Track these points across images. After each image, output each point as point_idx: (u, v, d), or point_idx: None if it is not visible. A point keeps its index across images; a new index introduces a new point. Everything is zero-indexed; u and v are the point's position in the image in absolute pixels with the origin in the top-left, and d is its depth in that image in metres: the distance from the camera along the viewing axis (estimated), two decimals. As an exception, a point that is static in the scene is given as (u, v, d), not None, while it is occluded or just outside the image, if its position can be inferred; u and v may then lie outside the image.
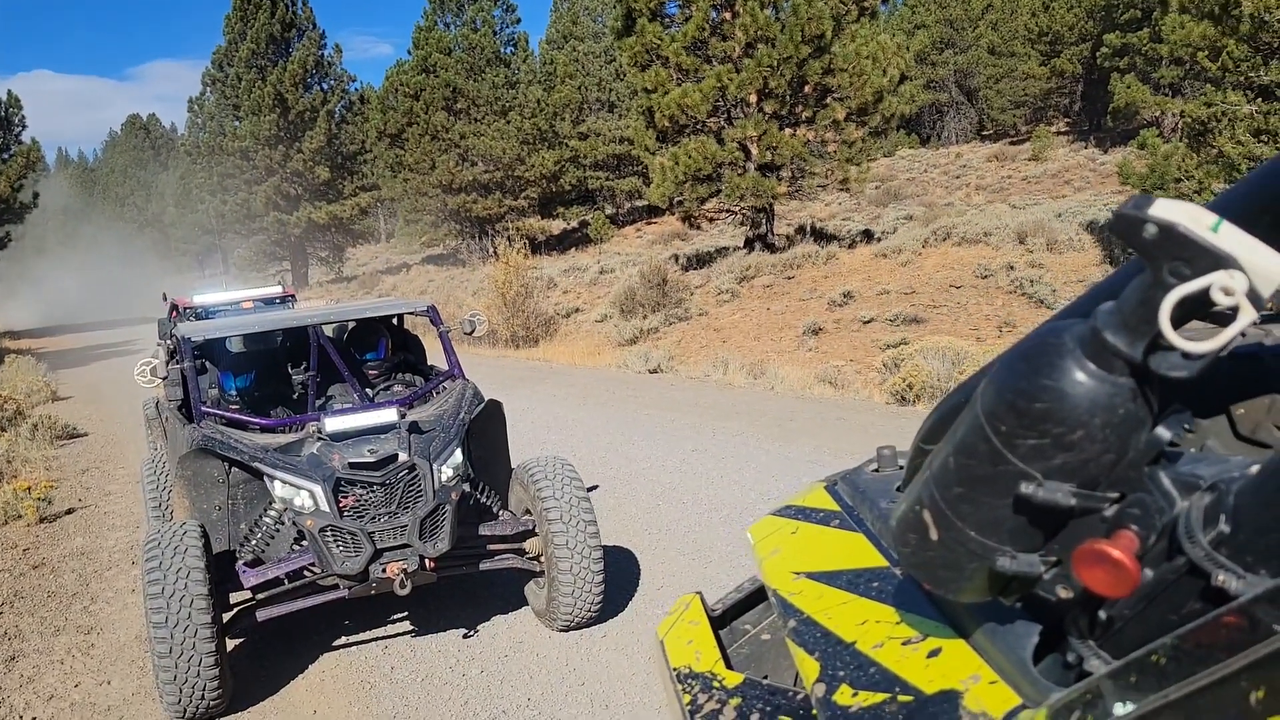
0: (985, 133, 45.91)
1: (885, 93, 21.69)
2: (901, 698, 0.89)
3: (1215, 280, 0.61)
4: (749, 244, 23.86)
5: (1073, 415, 0.68)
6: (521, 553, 4.91)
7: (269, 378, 5.86)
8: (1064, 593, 0.75)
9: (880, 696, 0.91)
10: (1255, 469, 0.68)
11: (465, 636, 4.95)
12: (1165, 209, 0.64)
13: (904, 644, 0.97)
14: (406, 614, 5.25)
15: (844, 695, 0.95)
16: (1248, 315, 0.61)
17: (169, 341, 6.33)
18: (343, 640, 5.04)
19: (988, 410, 0.73)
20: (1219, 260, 0.62)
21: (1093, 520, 0.72)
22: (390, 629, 5.13)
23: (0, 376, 18.93)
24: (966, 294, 18.36)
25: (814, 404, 11.35)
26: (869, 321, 17.74)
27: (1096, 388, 0.68)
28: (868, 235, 24.04)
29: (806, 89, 21.55)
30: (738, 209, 23.77)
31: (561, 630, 4.85)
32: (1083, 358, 0.68)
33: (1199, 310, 0.64)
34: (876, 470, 1.45)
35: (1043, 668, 0.80)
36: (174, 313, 8.97)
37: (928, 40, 44.04)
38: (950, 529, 0.77)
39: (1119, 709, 0.63)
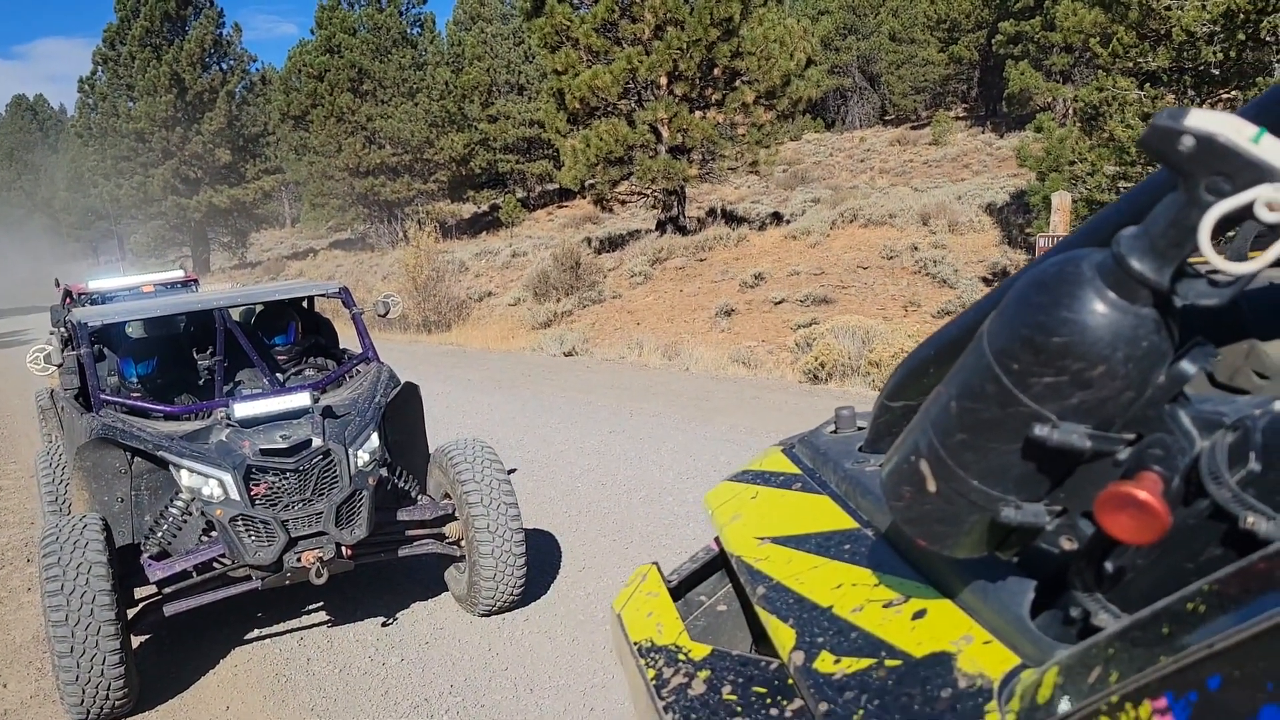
0: (888, 117, 46.73)
1: (792, 76, 21.90)
2: (889, 662, 0.85)
3: (1260, 195, 0.57)
4: (661, 226, 23.89)
5: (1094, 349, 0.64)
6: (441, 537, 4.82)
7: (173, 364, 5.63)
8: (1069, 544, 0.71)
9: (866, 662, 0.87)
10: None
11: (384, 625, 4.85)
12: (1203, 119, 0.60)
13: (885, 606, 0.93)
14: (323, 604, 5.12)
15: (825, 662, 0.90)
16: None
17: (63, 329, 6.04)
18: (256, 633, 4.89)
19: (998, 348, 0.68)
20: (1264, 173, 0.58)
21: (1104, 465, 0.68)
22: (306, 619, 5.00)
23: (-123, 370, 17.94)
24: (873, 274, 18.69)
25: (729, 384, 11.43)
26: (780, 302, 17.92)
27: (1120, 319, 0.63)
28: (777, 217, 24.27)
29: (716, 72, 21.61)
30: (649, 192, 23.76)
31: (483, 615, 4.78)
32: (1104, 287, 0.64)
33: (1234, 228, 0.61)
34: (835, 431, 1.42)
35: (1040, 624, 0.77)
36: (68, 299, 8.58)
37: (831, 26, 44.64)
38: (950, 479, 0.73)
39: (1155, 661, 0.59)
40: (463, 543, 4.73)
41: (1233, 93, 14.64)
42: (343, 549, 4.29)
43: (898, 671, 0.83)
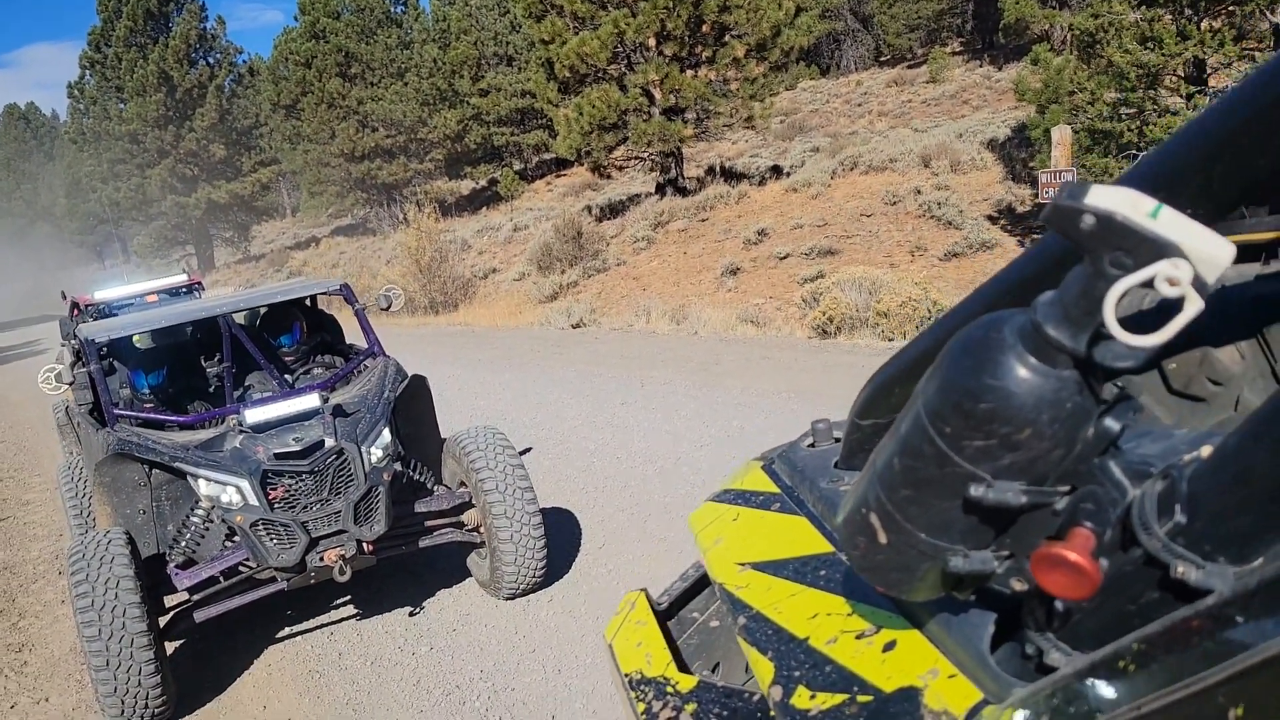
0: (883, 58, 46.13)
1: (782, 26, 21.64)
2: (861, 698, 0.87)
3: (1159, 270, 0.59)
4: (660, 189, 23.78)
5: (1019, 414, 0.65)
6: (460, 525, 4.88)
7: (182, 372, 5.68)
8: (1019, 585, 0.73)
9: (839, 698, 0.89)
10: (1207, 451, 0.67)
11: (411, 615, 4.92)
12: (1101, 197, 0.61)
13: (858, 638, 0.94)
14: (350, 598, 5.20)
15: (802, 698, 0.92)
16: (1194, 305, 0.58)
17: (73, 342, 6.09)
18: (286, 631, 4.97)
19: (931, 411, 0.70)
20: (1161, 249, 0.59)
21: (1044, 514, 0.70)
22: (334, 615, 5.08)
23: (-104, 392, 18.11)
24: (878, 221, 18.58)
25: (738, 345, 11.44)
26: (785, 257, 17.86)
27: (1041, 383, 0.65)
28: (777, 171, 24.12)
29: (704, 28, 21.38)
30: (646, 155, 23.63)
31: (507, 599, 4.84)
32: (1024, 353, 0.65)
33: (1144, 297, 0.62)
34: (812, 444, 1.43)
35: (1000, 658, 0.79)
36: (75, 311, 8.64)
37: (821, -30, 43.99)
38: (899, 531, 0.75)
39: (1090, 717, 0.61)
40: (482, 529, 4.79)
41: (1232, 7, 14.40)
42: (364, 545, 4.35)
43: (869, 708, 0.85)
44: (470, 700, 4.04)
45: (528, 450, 7.52)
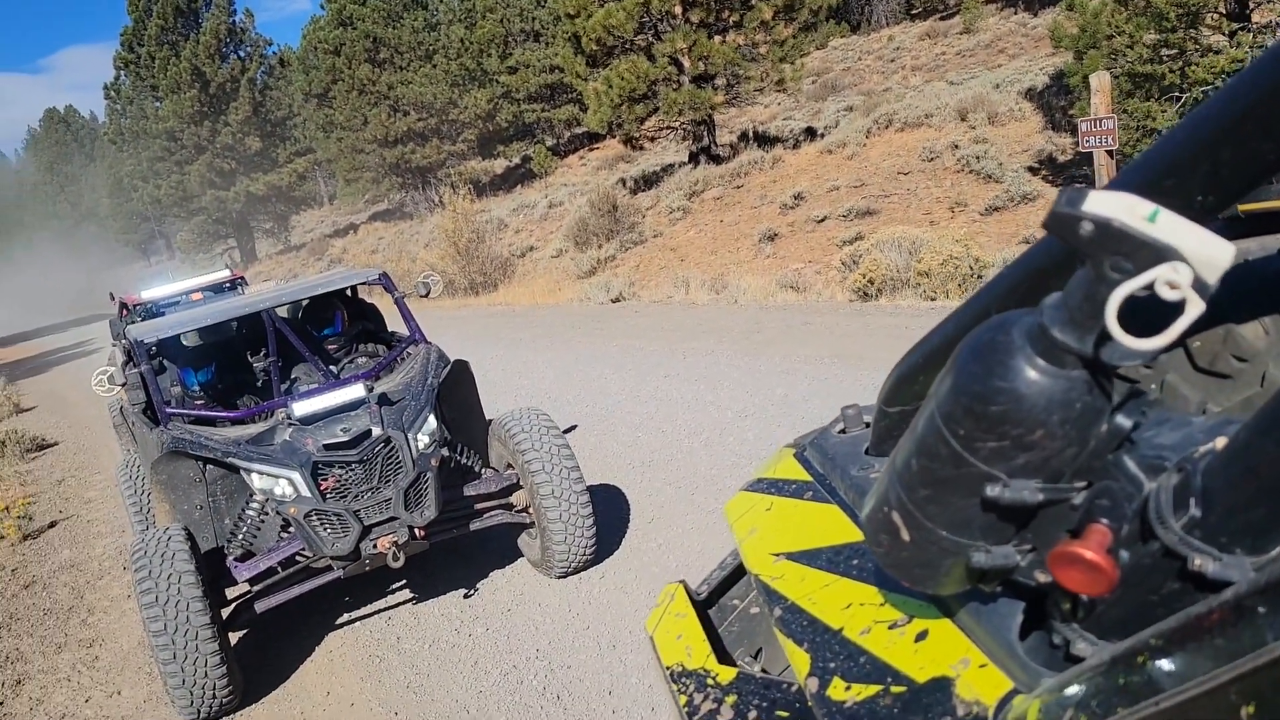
0: (914, 11, 45.28)
1: (810, -15, 21.34)
2: (894, 689, 0.88)
3: (1159, 275, 0.59)
4: (694, 158, 23.63)
5: (1030, 415, 0.66)
6: (509, 507, 4.93)
7: (230, 368, 5.78)
8: (1043, 577, 0.74)
9: (873, 689, 0.89)
10: (1221, 442, 0.66)
11: (466, 597, 4.99)
12: (1099, 203, 0.61)
13: (890, 628, 0.95)
14: (405, 583, 5.28)
15: (837, 689, 0.93)
16: (1196, 307, 0.58)
17: (123, 343, 6.22)
18: (346, 618, 5.07)
19: (944, 414, 0.71)
20: (1160, 253, 0.59)
21: (1063, 509, 0.71)
22: (391, 599, 5.16)
23: (-42, 397, 18.59)
24: (915, 179, 18.33)
25: (778, 312, 11.38)
26: (822, 220, 17.70)
27: (1051, 385, 0.65)
28: (810, 133, 23.84)
29: (731, -8, 21.15)
30: (677, 124, 23.47)
31: (560, 577, 4.89)
32: (1033, 355, 0.66)
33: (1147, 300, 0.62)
34: (843, 431, 1.43)
35: (1029, 647, 0.79)
36: (124, 311, 8.79)
37: (846, -75, 43.19)
38: (920, 529, 0.76)
39: (1113, 711, 0.61)
40: (531, 510, 4.83)
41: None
42: (415, 531, 4.41)
43: (902, 699, 0.86)
44: (527, 679, 4.10)
45: (573, 428, 7.56)
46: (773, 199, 19.56)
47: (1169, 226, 0.59)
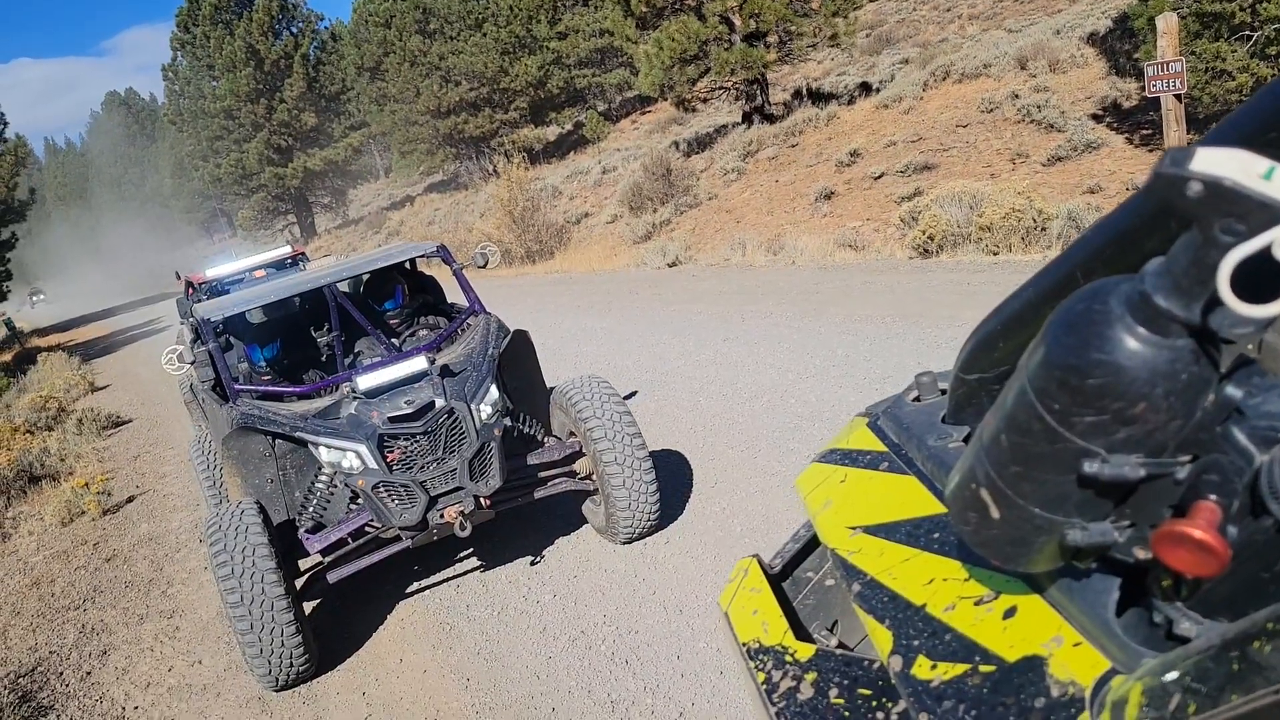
0: (971, -42, 44.13)
1: (863, -64, 20.88)
2: (983, 668, 0.85)
3: (1278, 237, 0.54)
4: (747, 118, 23.35)
5: (1132, 388, 0.62)
6: (573, 474, 4.95)
7: (295, 343, 5.87)
8: (1142, 553, 0.71)
9: (961, 668, 0.87)
10: None
11: (533, 564, 5.04)
12: (1209, 161, 0.57)
13: (976, 604, 0.92)
14: (472, 552, 5.35)
15: (923, 668, 0.91)
16: None
17: (190, 320, 6.34)
18: (415, 586, 5.15)
19: (1038, 388, 0.67)
20: (1277, 213, 0.55)
21: (1166, 483, 0.67)
22: (459, 568, 5.23)
23: (37, 376, 19.21)
24: (974, 131, 17.92)
25: (837, 271, 11.25)
26: (879, 177, 17.40)
27: (1154, 355, 0.62)
28: (865, 88, 23.40)
29: (781, -54, 20.76)
30: (730, 84, 23.18)
31: (625, 543, 4.91)
32: (1134, 324, 0.62)
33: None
34: (918, 399, 1.39)
35: (1127, 625, 0.76)
36: (190, 290, 8.97)
37: None
38: (1012, 507, 0.73)
39: (1251, 688, 0.57)
40: (594, 477, 4.85)
41: None
42: (481, 500, 4.45)
43: (992, 678, 0.83)
44: (595, 644, 4.13)
45: (633, 394, 7.57)
46: (828, 157, 19.28)
47: None
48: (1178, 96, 10.46)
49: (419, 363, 4.63)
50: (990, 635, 0.87)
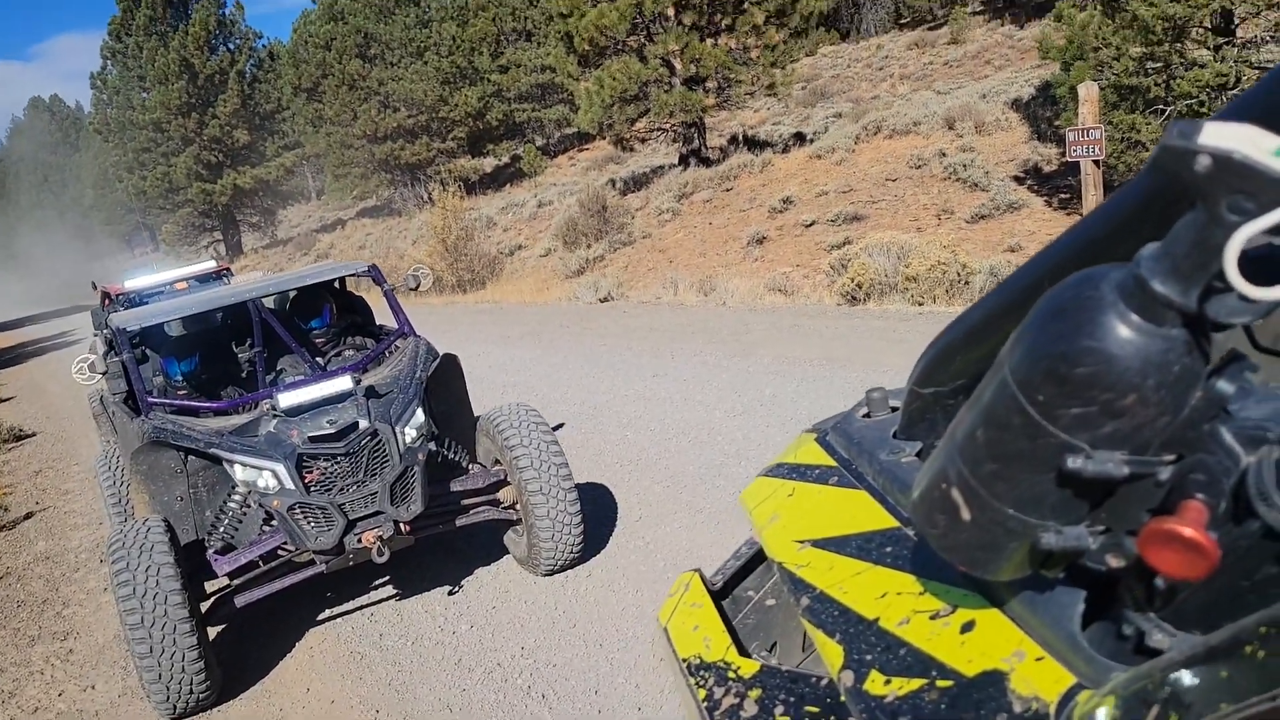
0: (903, 21, 45.44)
1: (802, -9, 21.36)
2: (940, 683, 0.81)
3: None
4: (684, 160, 23.60)
5: (1123, 378, 0.60)
6: (496, 503, 4.86)
7: (214, 359, 5.69)
8: (1115, 561, 0.68)
9: (917, 683, 0.83)
10: None
11: (450, 594, 4.92)
12: (1218, 135, 0.55)
13: (932, 618, 0.89)
14: (389, 579, 5.21)
15: (876, 684, 0.87)
16: None
17: (105, 332, 6.12)
18: (328, 613, 4.99)
19: (1021, 379, 0.65)
20: None
21: (1146, 485, 0.65)
22: (374, 595, 5.09)
23: (-64, 386, 18.39)
24: (903, 185, 18.35)
25: (767, 314, 11.35)
26: (811, 224, 17.69)
27: (1147, 344, 0.60)
28: (800, 138, 23.85)
29: (724, -5, 21.15)
30: (668, 126, 23.43)
31: (546, 575, 4.83)
32: (1127, 311, 0.60)
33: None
34: (867, 415, 1.37)
35: (1093, 638, 0.73)
36: (106, 301, 8.68)
37: (839, -69, 43.30)
38: (984, 509, 0.70)
39: (1240, 695, 0.55)
40: (518, 506, 4.77)
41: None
42: (401, 525, 4.34)
43: (950, 694, 0.80)
44: (512, 677, 4.04)
45: (561, 425, 7.50)
46: (762, 202, 19.55)
47: None
48: (1096, 162, 10.85)
49: (344, 382, 4.52)
50: (948, 650, 0.84)
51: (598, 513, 5.51)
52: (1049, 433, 0.64)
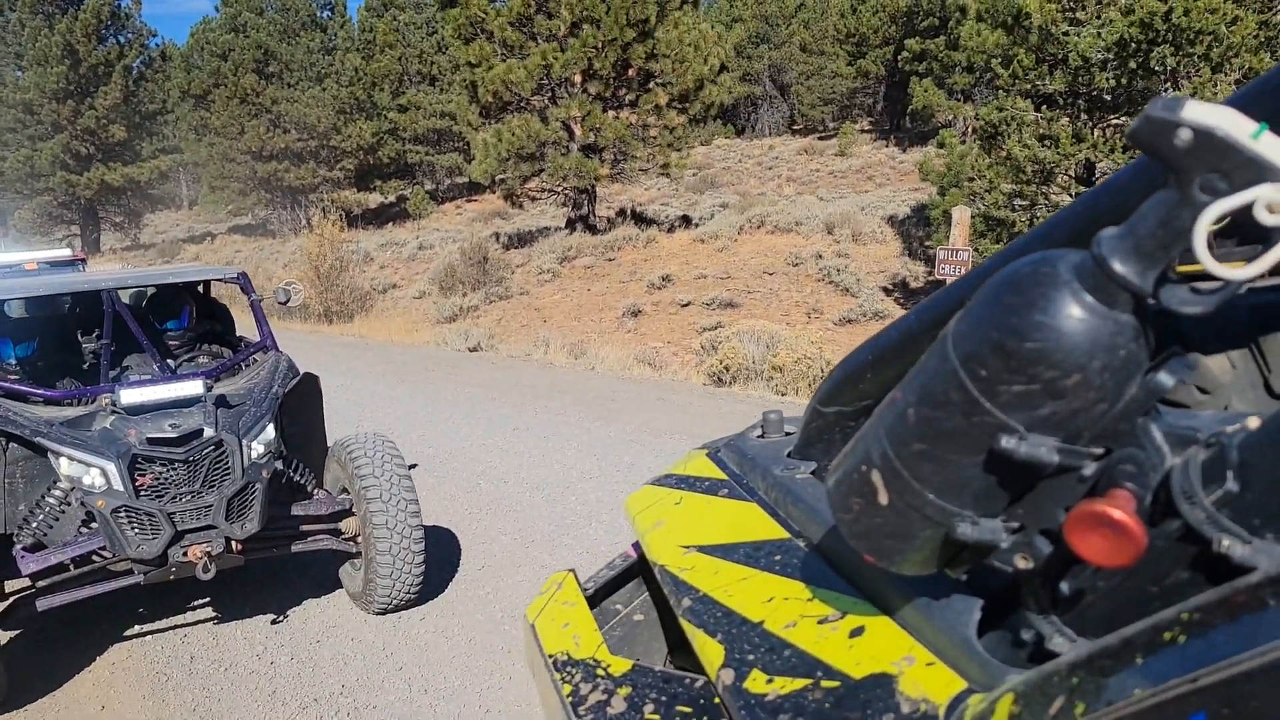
0: (796, 127, 47.40)
1: (706, 81, 22.06)
2: (826, 683, 0.81)
3: (1261, 195, 0.53)
4: (571, 224, 23.81)
5: (1069, 357, 0.60)
6: (337, 533, 4.69)
7: (56, 346, 5.36)
8: (1023, 563, 0.68)
9: (801, 682, 0.83)
10: (1255, 422, 0.62)
11: (274, 622, 4.70)
12: (1201, 112, 0.56)
13: (820, 622, 0.88)
14: (209, 600, 4.94)
15: (757, 682, 0.86)
16: None
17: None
18: (136, 629, 4.69)
19: (965, 353, 0.64)
20: (1264, 171, 0.54)
21: (1069, 480, 0.65)
22: (190, 616, 4.81)
23: None
24: (779, 280, 18.94)
25: (634, 384, 11.43)
26: (687, 305, 18.02)
27: (1098, 325, 0.60)
28: (686, 220, 24.41)
29: (630, 72, 21.65)
30: (560, 189, 23.67)
31: (379, 613, 4.67)
32: (1081, 290, 0.60)
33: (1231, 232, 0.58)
34: (762, 435, 1.38)
35: (989, 644, 0.74)
36: (-58, 275, 8.12)
37: (744, 34, 45.04)
38: (905, 492, 0.69)
39: (1128, 693, 0.54)
40: (359, 539, 4.61)
41: (1122, 118, 15.30)
42: (233, 544, 4.14)
43: (835, 693, 0.79)
44: (328, 715, 3.86)
45: (414, 466, 7.30)
46: (641, 277, 19.83)
47: (1275, 145, 0.55)
48: (962, 282, 11.39)
49: (194, 386, 4.33)
50: (835, 653, 0.84)
51: (440, 557, 5.37)
52: (986, 410, 0.64)
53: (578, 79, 21.50)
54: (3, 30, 39.70)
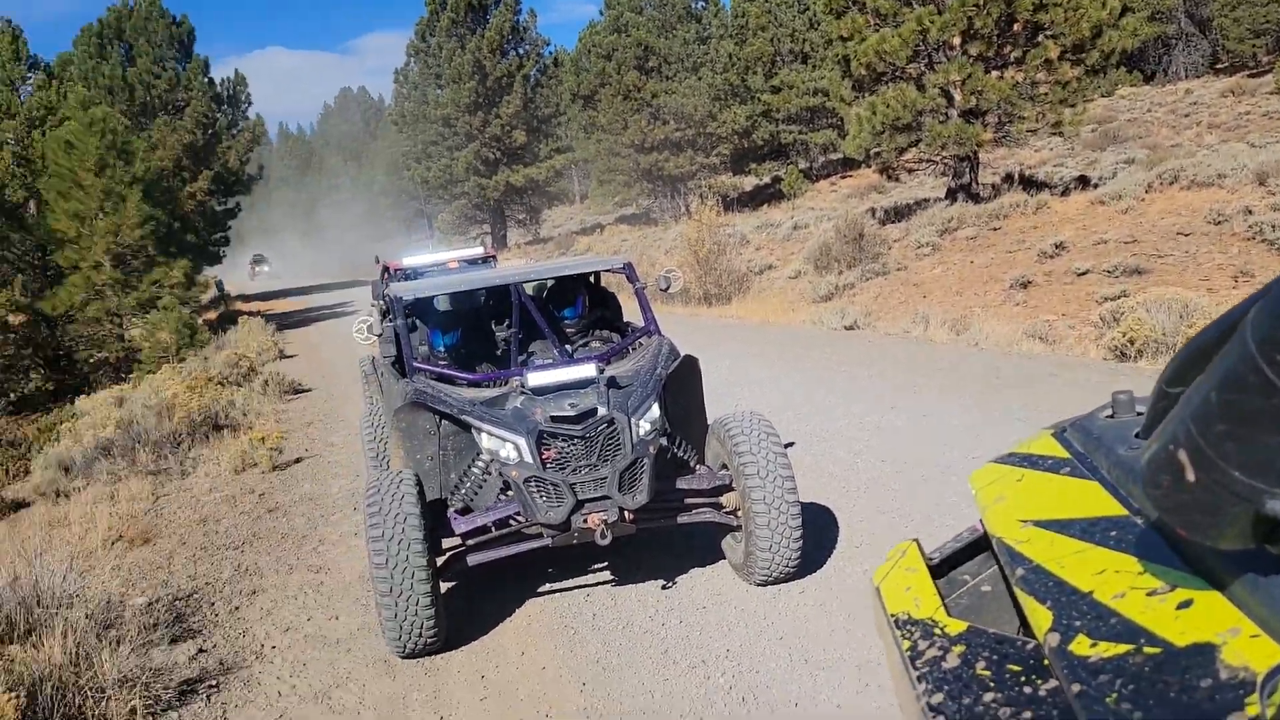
0: (1219, 66, 42.08)
1: (1105, 26, 20.15)
2: (1148, 649, 0.82)
3: None
4: (951, 195, 22.88)
5: None
6: (718, 507, 4.92)
7: (474, 335, 6.09)
8: None
9: (1124, 647, 0.85)
10: None
11: (664, 587, 5.03)
12: None
13: (1149, 594, 0.90)
14: (606, 564, 5.38)
15: (1081, 645, 0.89)
16: None
17: (382, 302, 6.68)
18: (547, 587, 5.22)
19: (1262, 337, 0.65)
20: None
21: None
22: (591, 578, 5.27)
23: (235, 336, 20.64)
24: (1196, 241, 16.96)
25: (1022, 360, 10.83)
26: (1084, 273, 16.69)
27: None
28: (1083, 181, 22.56)
29: (1015, 27, 20.34)
30: (939, 159, 22.83)
31: (759, 584, 4.84)
32: None
33: None
34: (1111, 416, 1.34)
35: None
36: (385, 274, 9.46)
37: (1153, -33, 40.66)
38: (1210, 470, 0.70)
39: None
40: (739, 513, 4.81)
41: None
42: (625, 513, 4.49)
43: (1156, 659, 0.81)
44: (714, 676, 4.08)
45: (791, 444, 7.47)
46: (1031, 245, 18.65)
47: None
48: None
49: (588, 369, 4.73)
50: (1160, 622, 0.85)
51: (818, 534, 5.46)
52: None
53: (956, 41, 20.56)
54: (426, 54, 45.14)
